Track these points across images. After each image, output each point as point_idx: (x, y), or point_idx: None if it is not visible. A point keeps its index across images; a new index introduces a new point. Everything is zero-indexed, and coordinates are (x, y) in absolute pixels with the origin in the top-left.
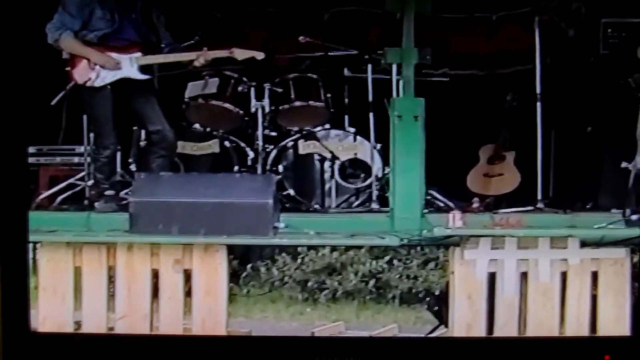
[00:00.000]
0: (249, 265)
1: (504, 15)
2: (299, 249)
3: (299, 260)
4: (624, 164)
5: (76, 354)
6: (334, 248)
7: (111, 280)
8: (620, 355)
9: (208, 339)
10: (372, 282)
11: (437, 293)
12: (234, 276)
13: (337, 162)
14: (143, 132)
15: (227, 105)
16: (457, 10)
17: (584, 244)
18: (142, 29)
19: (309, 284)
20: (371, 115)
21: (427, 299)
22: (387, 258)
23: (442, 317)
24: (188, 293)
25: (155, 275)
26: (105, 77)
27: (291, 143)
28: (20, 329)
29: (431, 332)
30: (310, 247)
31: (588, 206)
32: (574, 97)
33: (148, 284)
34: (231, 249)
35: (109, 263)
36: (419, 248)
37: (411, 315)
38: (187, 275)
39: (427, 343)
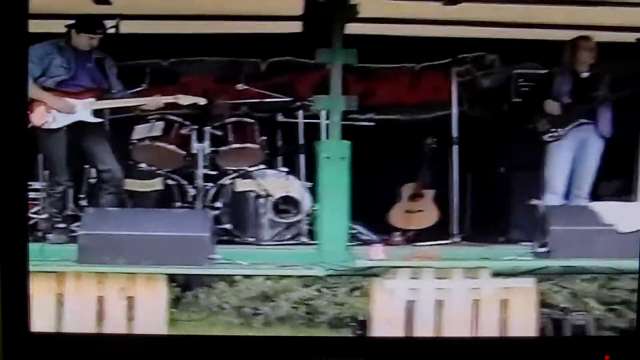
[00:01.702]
0: (190, 293)
1: (426, 66)
2: (236, 277)
3: (236, 288)
4: (533, 201)
5: (76, 354)
6: (268, 277)
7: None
8: (620, 355)
9: (207, 338)
10: (302, 309)
11: (360, 319)
12: (176, 302)
13: (271, 199)
14: (94, 170)
15: (170, 146)
16: (382, 61)
17: (496, 274)
18: (96, 76)
19: (245, 309)
20: (302, 156)
21: (353, 324)
22: (316, 286)
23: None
24: (131, 318)
25: (101, 301)
26: (61, 120)
27: (229, 181)
28: (20, 329)
29: None
30: (246, 276)
31: (501, 240)
32: (488, 141)
33: (94, 309)
34: (173, 278)
35: (59, 290)
36: (345, 277)
37: None
38: (131, 302)
39: (427, 343)
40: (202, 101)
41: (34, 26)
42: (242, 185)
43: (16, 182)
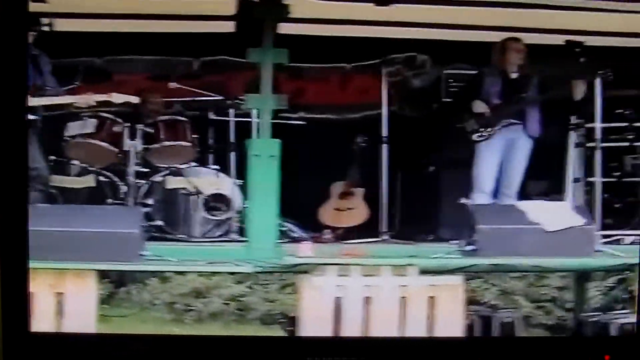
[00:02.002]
0: (122, 289)
1: (356, 66)
2: (167, 273)
3: (168, 284)
4: (462, 200)
5: (76, 353)
6: (200, 273)
7: None
8: (620, 355)
9: (206, 338)
10: (234, 305)
11: (291, 315)
12: (109, 298)
13: (202, 197)
14: None
15: (103, 143)
16: (313, 61)
17: (423, 271)
18: (30, 73)
19: (176, 305)
20: (233, 154)
21: (283, 320)
22: (248, 283)
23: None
24: (61, 314)
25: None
26: None
27: (160, 179)
28: (20, 329)
29: None
30: (178, 272)
31: (430, 238)
32: (418, 140)
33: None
34: (106, 274)
35: None
36: (277, 274)
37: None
38: (60, 298)
39: (427, 343)
40: (134, 99)
41: None
42: (173, 182)
43: (16, 182)
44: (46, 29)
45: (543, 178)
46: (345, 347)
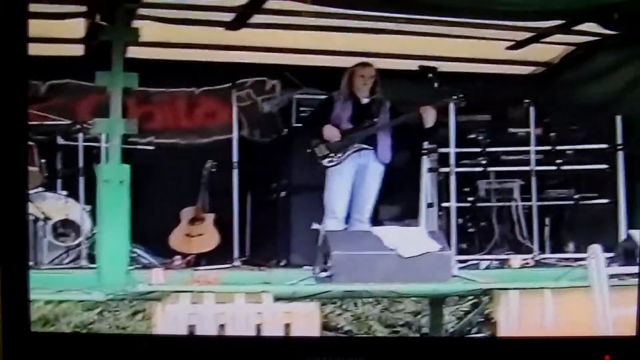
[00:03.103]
0: None
1: (206, 90)
2: None
3: None
4: (314, 225)
5: (76, 353)
6: (48, 300)
7: None
8: (621, 355)
9: (207, 339)
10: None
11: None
12: None
13: (50, 222)
14: None
15: None
16: (163, 85)
17: (278, 298)
18: None
19: None
20: (81, 179)
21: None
22: (97, 310)
23: None
24: None
25: None
26: None
27: None
28: (20, 329)
29: None
30: None
31: (282, 264)
32: (269, 165)
33: None
34: None
35: None
36: (127, 301)
37: None
38: None
39: (428, 343)
40: None
41: None
42: None
43: (15, 182)
44: None
45: (397, 203)
46: (345, 347)
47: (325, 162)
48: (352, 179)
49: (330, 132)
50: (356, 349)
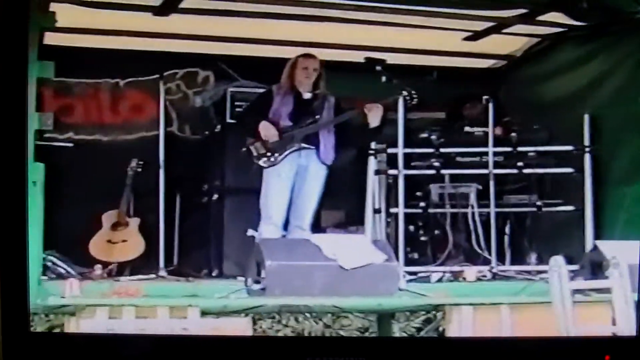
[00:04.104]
0: None
1: (132, 82)
2: None
3: None
4: (250, 232)
5: (76, 353)
6: None
7: None
8: (621, 355)
9: (207, 339)
10: None
11: None
12: None
13: None
14: None
15: None
16: (82, 76)
17: (205, 313)
18: None
19: None
20: None
21: None
22: None
23: None
24: None
25: None
26: None
27: None
28: (20, 329)
29: None
30: None
31: (214, 274)
32: (200, 165)
33: None
34: None
35: None
36: (43, 315)
37: None
38: None
39: (428, 343)
40: None
41: None
42: None
43: (15, 183)
44: None
45: (340, 209)
46: (345, 347)
47: (261, 162)
48: (291, 182)
49: (268, 130)
50: (356, 349)
